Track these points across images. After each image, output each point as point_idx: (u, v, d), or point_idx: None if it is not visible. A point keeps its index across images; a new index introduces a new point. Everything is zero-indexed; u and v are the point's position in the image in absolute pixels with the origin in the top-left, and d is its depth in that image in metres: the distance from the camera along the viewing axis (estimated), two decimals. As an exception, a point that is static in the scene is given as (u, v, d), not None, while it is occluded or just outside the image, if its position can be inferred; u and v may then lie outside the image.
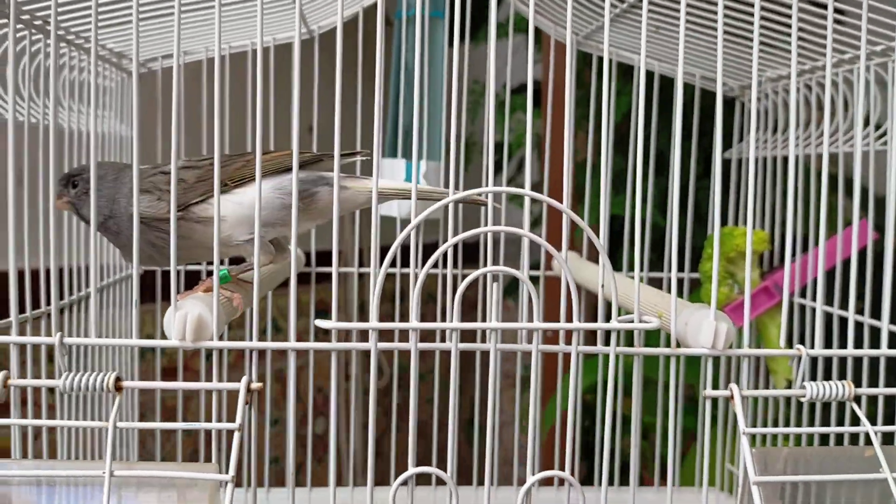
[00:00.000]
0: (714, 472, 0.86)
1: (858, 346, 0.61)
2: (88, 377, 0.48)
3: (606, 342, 0.52)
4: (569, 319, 0.51)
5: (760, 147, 0.85)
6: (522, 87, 1.28)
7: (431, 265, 0.48)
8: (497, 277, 0.50)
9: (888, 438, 0.54)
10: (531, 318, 0.51)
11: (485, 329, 0.50)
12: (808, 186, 0.71)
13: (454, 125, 0.53)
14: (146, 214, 0.57)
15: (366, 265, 0.77)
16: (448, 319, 0.50)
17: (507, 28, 0.82)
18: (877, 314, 0.61)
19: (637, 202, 0.52)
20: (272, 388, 0.80)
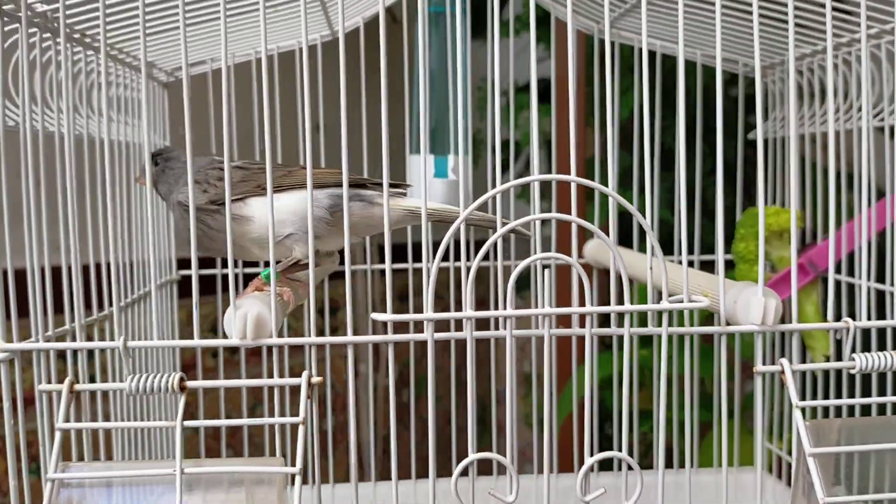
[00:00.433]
0: (732, 453, 0.87)
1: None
2: (153, 378, 0.49)
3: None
4: (619, 303, 0.51)
5: (781, 126, 0.86)
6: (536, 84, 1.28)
7: (482, 257, 0.49)
8: (548, 265, 0.51)
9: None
10: (582, 303, 0.51)
11: (537, 315, 0.51)
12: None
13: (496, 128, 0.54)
14: (185, 202, 0.59)
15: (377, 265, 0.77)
16: (502, 307, 0.51)
17: (522, 21, 0.82)
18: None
19: (682, 181, 0.52)
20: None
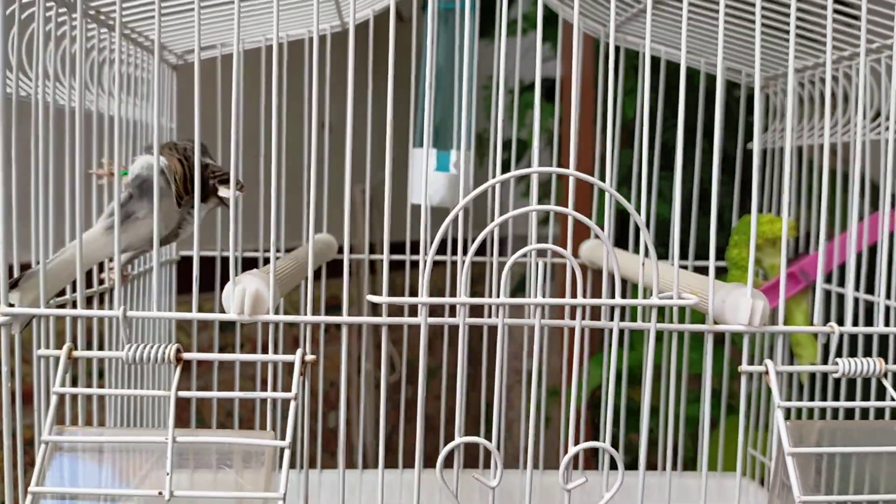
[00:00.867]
0: (717, 457, 0.88)
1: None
2: (150, 349, 0.50)
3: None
4: (611, 296, 0.52)
5: (780, 137, 0.87)
6: (542, 83, 1.29)
7: (478, 245, 0.50)
8: (546, 254, 0.52)
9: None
10: (574, 295, 0.52)
11: (529, 304, 0.52)
12: (835, 177, 0.73)
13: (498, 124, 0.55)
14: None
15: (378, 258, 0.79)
16: (495, 295, 0.52)
17: (530, 21, 0.82)
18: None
19: (678, 183, 0.53)
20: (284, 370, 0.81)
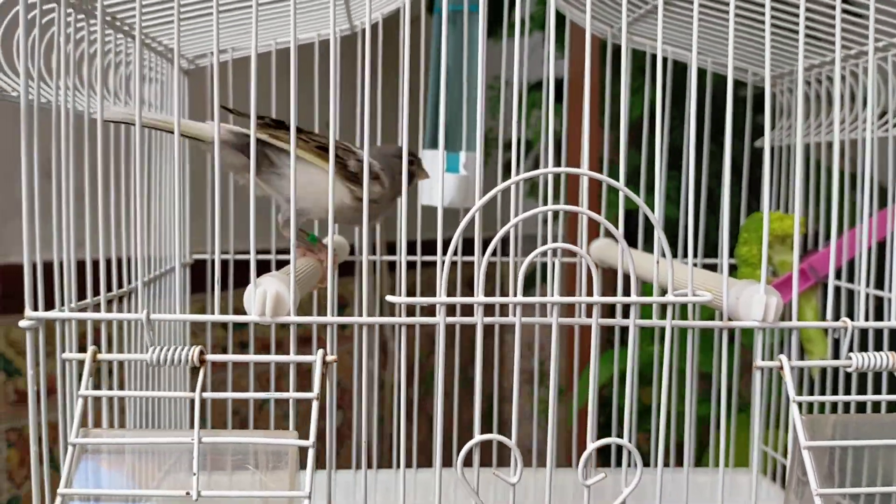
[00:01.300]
0: (729, 453, 0.88)
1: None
2: (174, 351, 0.51)
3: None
4: (625, 294, 0.53)
5: (786, 135, 0.87)
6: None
7: (493, 248, 0.51)
8: (556, 253, 0.53)
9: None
10: (590, 293, 0.53)
11: (545, 303, 0.53)
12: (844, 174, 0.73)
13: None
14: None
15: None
16: (511, 294, 0.53)
17: (535, 21, 0.83)
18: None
19: (691, 182, 0.54)
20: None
